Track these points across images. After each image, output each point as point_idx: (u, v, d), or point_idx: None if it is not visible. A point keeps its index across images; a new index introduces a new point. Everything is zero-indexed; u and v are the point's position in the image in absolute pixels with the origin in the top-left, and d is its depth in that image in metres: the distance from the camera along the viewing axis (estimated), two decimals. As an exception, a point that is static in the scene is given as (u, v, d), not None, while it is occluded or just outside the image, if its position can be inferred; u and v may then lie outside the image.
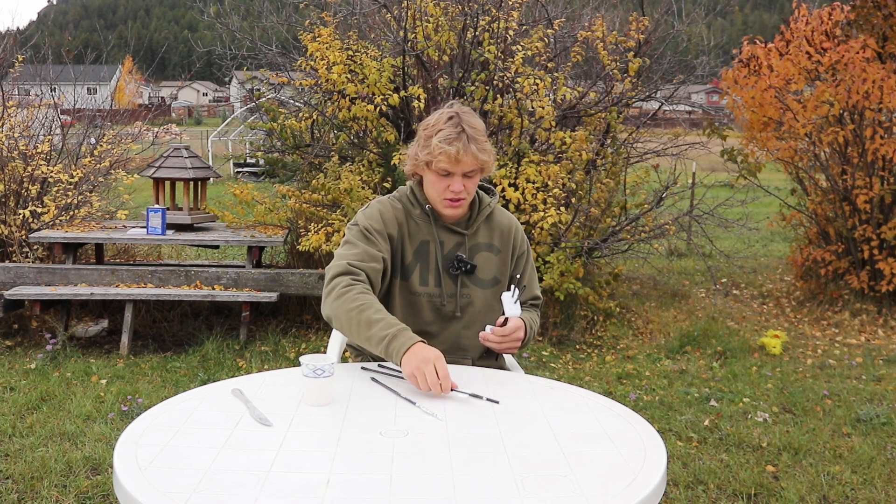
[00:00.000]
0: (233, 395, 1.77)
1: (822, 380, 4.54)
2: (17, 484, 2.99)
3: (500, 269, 2.20)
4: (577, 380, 4.41)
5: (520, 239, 2.25)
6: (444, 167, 2.02)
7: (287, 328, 5.28)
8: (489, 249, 2.19)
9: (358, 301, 1.90)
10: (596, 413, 1.72)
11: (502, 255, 2.21)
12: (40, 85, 6.87)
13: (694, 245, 6.11)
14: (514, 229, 2.25)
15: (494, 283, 2.19)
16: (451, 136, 2.00)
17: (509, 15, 5.03)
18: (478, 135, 2.03)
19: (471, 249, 2.17)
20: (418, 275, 2.14)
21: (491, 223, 2.21)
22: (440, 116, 2.05)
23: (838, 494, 3.05)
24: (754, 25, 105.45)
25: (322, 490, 1.31)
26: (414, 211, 2.16)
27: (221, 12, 6.40)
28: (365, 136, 5.33)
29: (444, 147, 1.99)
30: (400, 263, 2.15)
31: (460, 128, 2.01)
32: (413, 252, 2.14)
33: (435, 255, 2.14)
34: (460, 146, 1.99)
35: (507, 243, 2.22)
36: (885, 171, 5.84)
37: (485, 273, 2.17)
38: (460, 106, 2.09)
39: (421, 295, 2.14)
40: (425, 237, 2.15)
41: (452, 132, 2.00)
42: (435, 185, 2.08)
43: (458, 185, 2.04)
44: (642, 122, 6.23)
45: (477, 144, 2.01)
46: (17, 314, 5.15)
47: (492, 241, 2.20)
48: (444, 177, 2.05)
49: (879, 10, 5.99)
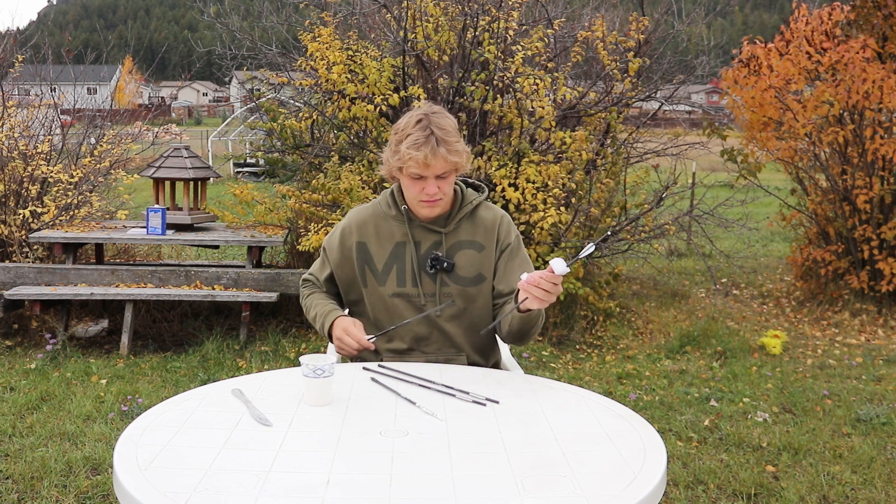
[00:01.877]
0: (233, 395, 1.77)
1: (822, 380, 4.54)
2: (17, 484, 2.99)
3: (483, 266, 2.15)
4: (577, 380, 4.41)
5: (504, 231, 2.17)
6: (414, 172, 2.01)
7: (287, 328, 5.28)
8: (471, 246, 2.15)
9: (305, 305, 2.30)
10: (596, 413, 1.73)
11: (486, 251, 2.15)
12: (40, 85, 6.87)
13: (694, 245, 6.12)
14: (499, 223, 2.17)
15: (479, 280, 2.14)
16: (420, 141, 1.97)
17: (509, 15, 5.02)
18: (447, 136, 2.00)
19: (450, 248, 2.14)
20: (395, 277, 2.13)
21: (475, 219, 2.17)
22: (409, 120, 2.03)
23: (838, 494, 3.05)
24: (754, 25, 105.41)
25: (322, 490, 1.32)
26: (390, 213, 2.16)
27: (221, 12, 6.40)
28: (365, 136, 5.33)
29: (412, 153, 1.97)
30: (371, 271, 2.15)
31: (429, 130, 1.98)
32: (388, 256, 2.14)
33: (411, 256, 2.13)
34: (428, 151, 1.96)
35: (491, 238, 2.16)
36: (885, 171, 5.84)
37: (466, 270, 2.13)
38: (430, 106, 2.07)
39: (400, 296, 2.13)
40: (400, 238, 2.14)
41: (421, 136, 1.98)
42: (410, 189, 2.07)
43: (431, 188, 2.03)
44: (642, 122, 6.23)
45: (447, 146, 1.99)
46: (17, 314, 5.15)
47: (474, 237, 2.15)
48: (418, 180, 2.03)
49: (879, 10, 5.99)
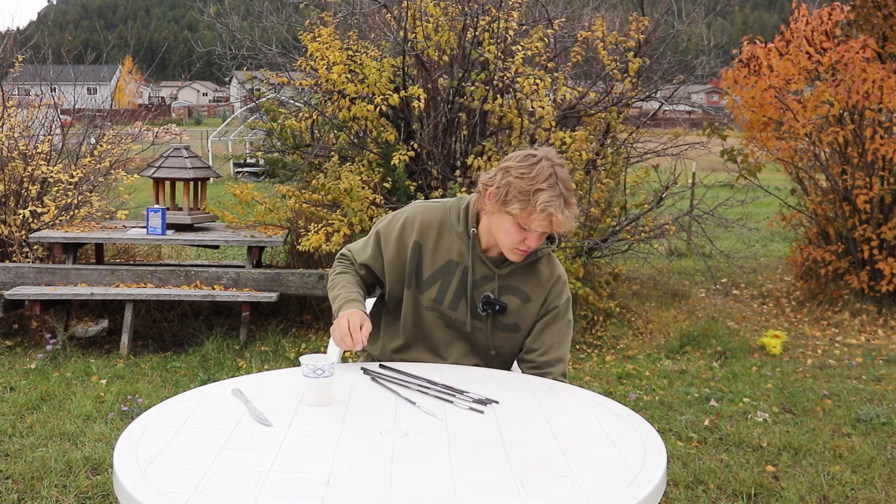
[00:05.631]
0: (233, 395, 1.77)
1: (822, 380, 4.54)
2: (17, 484, 2.99)
3: (522, 318, 2.08)
4: (577, 380, 4.41)
5: (555, 293, 2.08)
6: (538, 228, 1.90)
7: (287, 328, 5.28)
8: (518, 295, 2.07)
9: (331, 282, 2.20)
10: (596, 413, 1.72)
11: (530, 306, 2.07)
12: (40, 85, 6.87)
13: (694, 245, 6.12)
14: (554, 282, 2.08)
15: (513, 329, 2.08)
16: (555, 203, 1.86)
17: (509, 15, 5.02)
18: (572, 198, 1.90)
19: (500, 289, 2.06)
20: (436, 291, 2.08)
21: (532, 269, 2.08)
22: (540, 171, 1.88)
23: (838, 494, 3.05)
24: (754, 25, 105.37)
25: (322, 490, 1.31)
26: (457, 228, 2.06)
27: (221, 12, 6.40)
28: (365, 136, 5.33)
29: (550, 211, 1.85)
30: (416, 275, 2.09)
31: (559, 190, 1.87)
32: (437, 268, 2.07)
33: (460, 279, 2.07)
34: (562, 217, 1.87)
35: (541, 294, 2.07)
36: (885, 171, 5.84)
37: (505, 317, 2.07)
38: (553, 156, 1.92)
39: (433, 310, 2.10)
40: (456, 257, 2.06)
41: (555, 196, 1.86)
42: (510, 234, 1.94)
43: (535, 243, 1.94)
44: (642, 122, 6.23)
45: (571, 210, 1.89)
46: (17, 314, 5.15)
47: (524, 286, 2.07)
48: (523, 230, 1.92)
49: (879, 10, 5.99)
